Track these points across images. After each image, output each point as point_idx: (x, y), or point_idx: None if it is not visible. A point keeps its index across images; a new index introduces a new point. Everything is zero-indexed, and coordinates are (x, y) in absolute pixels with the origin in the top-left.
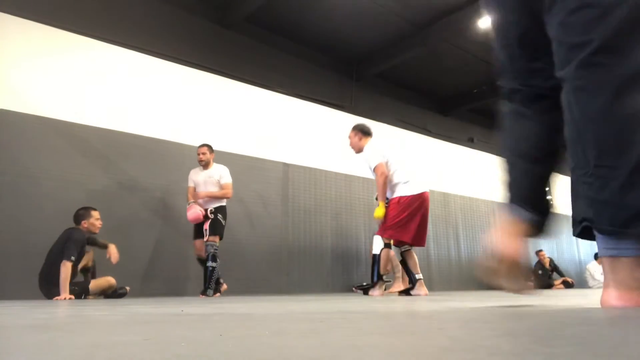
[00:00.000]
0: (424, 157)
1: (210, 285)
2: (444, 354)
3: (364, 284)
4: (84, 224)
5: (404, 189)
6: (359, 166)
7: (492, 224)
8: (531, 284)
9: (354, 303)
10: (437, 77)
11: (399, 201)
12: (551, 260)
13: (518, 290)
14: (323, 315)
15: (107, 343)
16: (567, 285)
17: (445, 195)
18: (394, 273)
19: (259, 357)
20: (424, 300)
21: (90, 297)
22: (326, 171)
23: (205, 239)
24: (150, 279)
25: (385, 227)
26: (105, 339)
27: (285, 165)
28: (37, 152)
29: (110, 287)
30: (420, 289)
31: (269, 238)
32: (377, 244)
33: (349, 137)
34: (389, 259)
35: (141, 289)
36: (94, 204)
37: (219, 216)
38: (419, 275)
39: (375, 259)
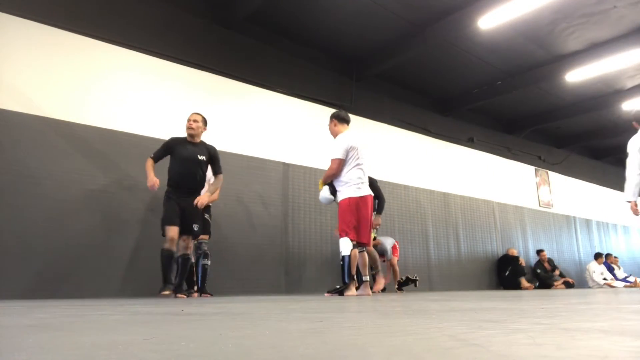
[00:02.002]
0: (424, 157)
1: (203, 282)
2: (444, 353)
3: (337, 287)
4: None
5: (364, 189)
6: None
7: (492, 224)
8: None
9: (354, 303)
10: (437, 77)
11: (361, 200)
12: (551, 261)
13: None
14: (323, 315)
15: (107, 343)
16: (568, 285)
17: (445, 195)
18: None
19: (259, 357)
20: (423, 301)
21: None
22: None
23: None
24: (150, 279)
25: (354, 227)
26: (105, 339)
27: (285, 165)
28: (37, 152)
29: None
30: (353, 290)
31: (269, 238)
32: (346, 245)
33: (329, 124)
34: (356, 258)
35: (141, 289)
36: (94, 204)
37: (207, 215)
38: (366, 278)
39: (345, 260)
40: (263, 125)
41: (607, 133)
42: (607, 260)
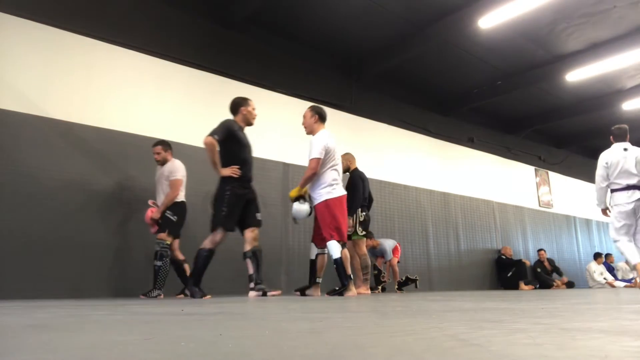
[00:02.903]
0: (424, 157)
1: (157, 284)
2: (444, 353)
3: (336, 288)
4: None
5: (339, 189)
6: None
7: (492, 224)
8: None
9: (354, 303)
10: (437, 77)
11: (338, 201)
12: (552, 261)
13: None
14: (323, 315)
15: (107, 343)
16: (569, 285)
17: (445, 195)
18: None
19: (259, 357)
20: (423, 301)
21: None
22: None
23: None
24: (150, 279)
25: (336, 229)
26: (105, 339)
27: (286, 165)
28: (37, 152)
29: None
30: (353, 289)
31: (269, 238)
32: (335, 248)
33: (304, 114)
34: (347, 257)
35: (141, 289)
36: (94, 203)
37: (168, 212)
38: (319, 279)
39: (338, 262)
40: (263, 125)
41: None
42: (607, 260)
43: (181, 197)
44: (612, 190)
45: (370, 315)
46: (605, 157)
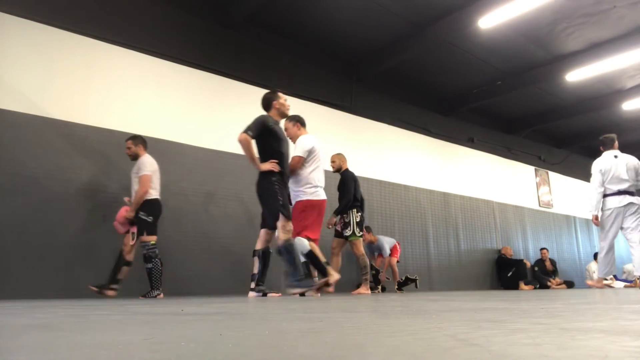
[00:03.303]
0: (424, 157)
1: (153, 285)
2: (444, 353)
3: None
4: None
5: (321, 193)
6: (359, 166)
7: (492, 224)
8: None
9: (354, 302)
10: (437, 77)
11: (318, 204)
12: (552, 261)
13: None
14: (323, 315)
15: (107, 343)
16: (569, 285)
17: (445, 195)
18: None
19: (259, 357)
20: (423, 301)
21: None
22: (326, 171)
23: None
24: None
25: (308, 228)
26: (105, 339)
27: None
28: (37, 152)
29: None
30: (333, 273)
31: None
32: (303, 244)
33: (286, 127)
34: (316, 248)
35: (141, 289)
36: (94, 203)
37: (142, 214)
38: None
39: (310, 255)
40: None
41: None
42: None
43: (153, 194)
44: (605, 195)
45: (370, 315)
46: (599, 165)
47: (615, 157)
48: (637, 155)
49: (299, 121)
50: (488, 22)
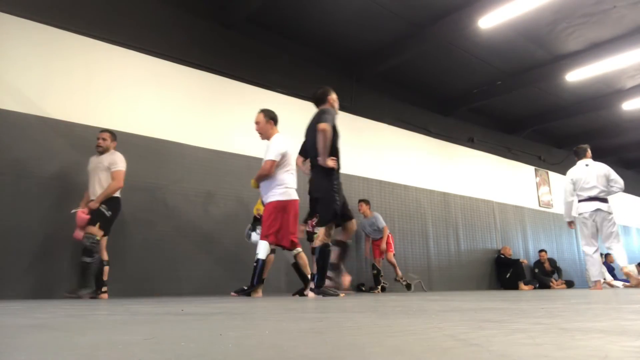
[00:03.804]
0: (424, 157)
1: (84, 283)
2: (444, 353)
3: (244, 287)
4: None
5: (293, 193)
6: (359, 166)
7: (492, 224)
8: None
9: (354, 303)
10: (437, 77)
11: (291, 204)
12: (553, 261)
13: None
14: (323, 315)
15: (107, 343)
16: (569, 285)
17: (445, 195)
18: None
19: (259, 357)
20: (423, 301)
21: None
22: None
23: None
24: (150, 278)
25: (277, 231)
26: (105, 339)
27: None
28: (37, 152)
29: None
30: (259, 292)
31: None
32: (264, 249)
33: (258, 120)
34: (270, 262)
35: (141, 289)
36: None
37: (103, 207)
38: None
39: (259, 263)
40: None
41: (607, 133)
42: (606, 260)
43: (117, 192)
44: (578, 201)
45: (370, 315)
46: (571, 174)
47: (587, 165)
48: (637, 155)
49: (272, 118)
50: (488, 22)
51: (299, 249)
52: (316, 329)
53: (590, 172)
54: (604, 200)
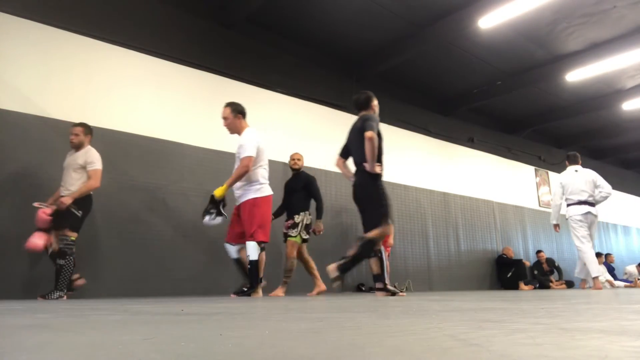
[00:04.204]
0: (424, 157)
1: (58, 286)
2: (444, 353)
3: (244, 289)
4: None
5: (268, 189)
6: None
7: (492, 224)
8: None
9: (354, 303)
10: (437, 77)
11: (266, 200)
12: (551, 261)
13: None
14: (322, 315)
15: (107, 343)
16: (569, 285)
17: (445, 195)
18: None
19: (259, 357)
20: (423, 301)
21: None
22: (326, 171)
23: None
24: (150, 279)
25: (260, 227)
26: (105, 339)
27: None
28: (37, 152)
29: None
30: (260, 292)
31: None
32: (255, 250)
33: (225, 115)
34: (263, 261)
35: (141, 289)
36: (94, 203)
37: (73, 207)
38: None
39: (253, 264)
40: (263, 125)
41: (607, 133)
42: (607, 260)
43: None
44: (568, 205)
45: (370, 315)
46: (561, 179)
47: (576, 171)
48: (637, 155)
49: (240, 112)
50: (488, 22)
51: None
52: (316, 329)
53: (580, 177)
54: (592, 205)
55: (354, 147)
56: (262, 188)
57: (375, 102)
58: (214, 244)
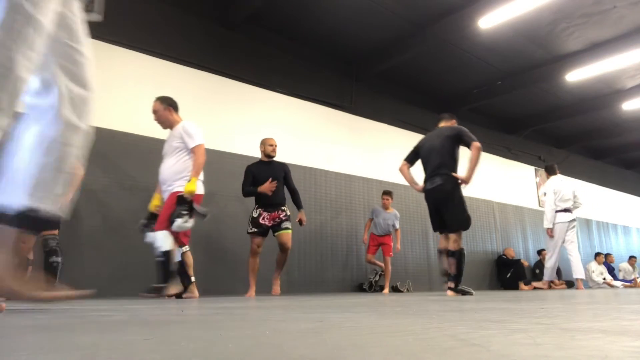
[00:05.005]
0: None
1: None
2: (444, 353)
3: (154, 285)
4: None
5: (200, 185)
6: (359, 166)
7: (492, 224)
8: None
9: (354, 302)
10: (437, 77)
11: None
12: None
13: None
14: (323, 315)
15: (107, 343)
16: (569, 285)
17: None
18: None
19: (259, 357)
20: (423, 301)
21: None
22: (326, 171)
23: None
24: (150, 279)
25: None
26: (105, 339)
27: (285, 165)
28: None
29: None
30: (194, 291)
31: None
32: (166, 240)
33: (156, 109)
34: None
35: (141, 290)
36: (94, 203)
37: None
38: (193, 278)
39: (164, 256)
40: (263, 125)
41: (607, 133)
42: (607, 260)
43: None
44: (557, 211)
45: (370, 315)
46: (554, 186)
47: (561, 180)
48: (637, 155)
49: (171, 105)
50: (488, 22)
51: (187, 247)
52: (316, 329)
53: (565, 186)
54: (572, 212)
55: (435, 151)
56: (199, 184)
57: (455, 120)
58: (213, 244)
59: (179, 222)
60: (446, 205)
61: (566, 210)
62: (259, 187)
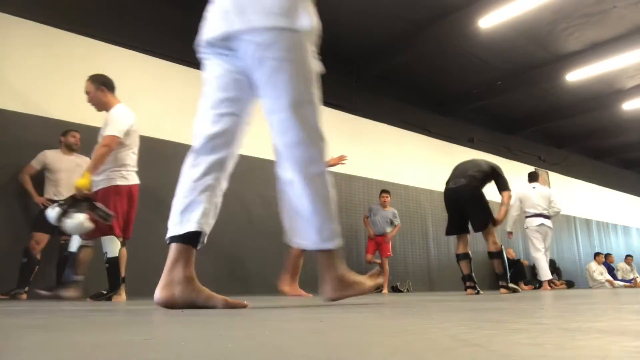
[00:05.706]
0: (424, 157)
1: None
2: (444, 353)
3: (103, 292)
4: None
5: (135, 177)
6: (359, 166)
7: None
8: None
9: (354, 302)
10: (437, 77)
11: (133, 190)
12: (552, 261)
13: None
14: (323, 315)
15: (107, 343)
16: (569, 285)
17: None
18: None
19: (259, 357)
20: (423, 301)
21: None
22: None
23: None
24: (150, 279)
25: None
26: (105, 339)
27: None
28: (37, 152)
29: None
30: (123, 295)
31: (269, 238)
32: (114, 245)
33: (88, 90)
34: (125, 257)
35: (141, 290)
36: None
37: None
38: (80, 277)
39: (113, 262)
40: (263, 125)
41: (607, 133)
42: (607, 260)
43: None
44: (526, 217)
45: (370, 315)
46: (519, 194)
47: (534, 188)
48: (637, 155)
49: (104, 84)
50: (488, 22)
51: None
52: (316, 329)
53: (537, 193)
54: (547, 217)
55: (466, 167)
56: (128, 175)
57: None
58: (213, 244)
59: (69, 224)
60: (471, 203)
61: (536, 215)
62: None
